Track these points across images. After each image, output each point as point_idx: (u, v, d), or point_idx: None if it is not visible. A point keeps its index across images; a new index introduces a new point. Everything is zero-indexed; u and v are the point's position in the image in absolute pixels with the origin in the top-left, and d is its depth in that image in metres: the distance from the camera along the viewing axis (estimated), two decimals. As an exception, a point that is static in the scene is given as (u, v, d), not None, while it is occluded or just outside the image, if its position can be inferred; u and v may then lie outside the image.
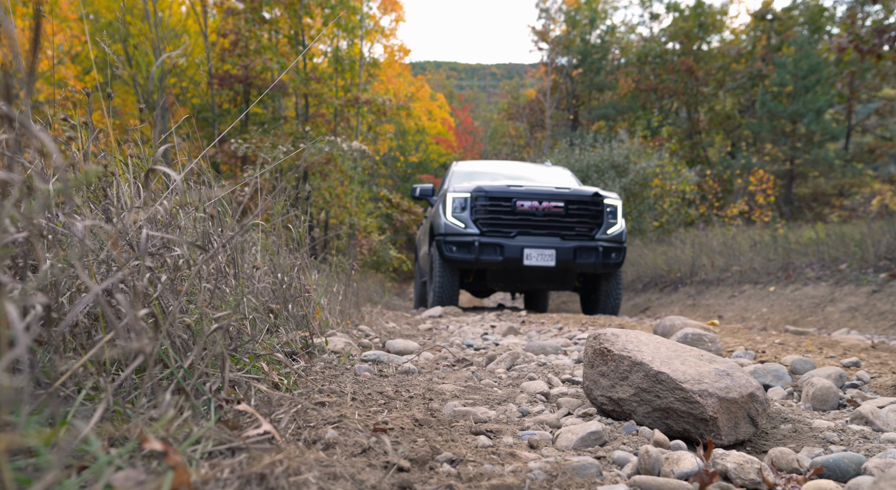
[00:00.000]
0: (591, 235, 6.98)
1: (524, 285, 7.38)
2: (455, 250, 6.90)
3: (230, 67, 17.25)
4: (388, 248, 23.60)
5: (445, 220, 7.07)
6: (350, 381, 2.00)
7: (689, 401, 1.55)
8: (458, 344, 4.09)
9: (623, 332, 1.78)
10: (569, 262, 6.84)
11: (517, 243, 6.81)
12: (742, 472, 1.24)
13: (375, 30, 20.75)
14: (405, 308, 10.78)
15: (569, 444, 1.47)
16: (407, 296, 22.14)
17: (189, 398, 0.90)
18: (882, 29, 8.68)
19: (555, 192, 6.98)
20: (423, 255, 9.59)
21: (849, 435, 1.55)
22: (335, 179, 18.67)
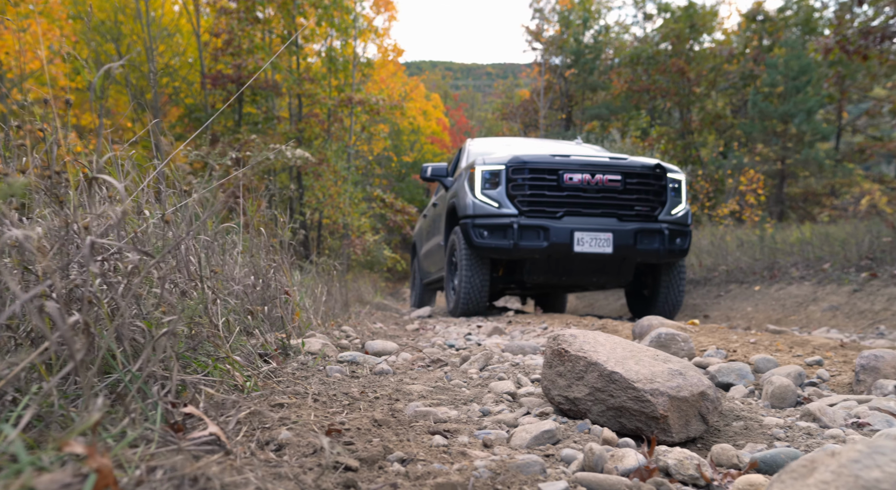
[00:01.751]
0: (653, 216, 5.84)
1: (572, 278, 6.10)
2: (487, 235, 5.76)
3: (223, 67, 17.26)
4: (381, 248, 23.64)
5: (473, 199, 5.89)
6: (317, 383, 2.04)
7: (640, 400, 1.59)
8: (440, 344, 4.13)
9: (581, 333, 1.82)
10: (629, 248, 5.68)
11: (566, 225, 5.64)
12: (682, 468, 1.29)
13: (369, 30, 20.77)
14: (396, 309, 10.81)
15: (522, 442, 1.51)
16: (400, 296, 22.19)
17: (123, 401, 0.94)
18: (868, 30, 8.75)
19: (609, 163, 5.81)
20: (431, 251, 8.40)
21: (795, 431, 1.60)
22: (328, 179, 18.69)
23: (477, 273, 6.05)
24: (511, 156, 5.84)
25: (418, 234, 10.29)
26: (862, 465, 0.76)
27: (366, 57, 21.29)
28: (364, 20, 20.24)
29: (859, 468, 0.76)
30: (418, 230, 10.38)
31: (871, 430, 1.58)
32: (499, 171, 5.86)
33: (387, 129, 25.59)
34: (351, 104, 19.08)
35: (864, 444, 0.79)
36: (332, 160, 18.43)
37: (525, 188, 5.74)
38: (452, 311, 6.43)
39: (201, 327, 1.70)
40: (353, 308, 7.16)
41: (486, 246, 5.78)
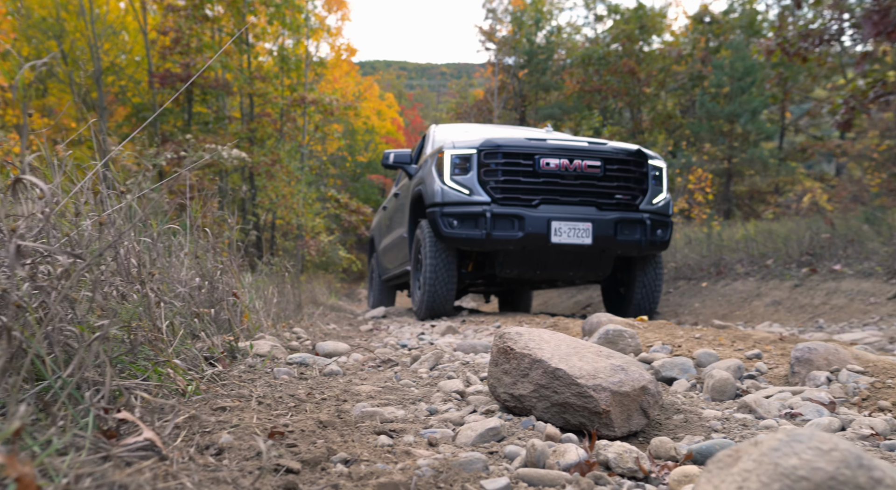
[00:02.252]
0: (634, 205, 5.50)
1: (548, 272, 5.75)
2: (457, 225, 5.35)
3: (171, 66, 16.88)
4: (336, 249, 23.47)
5: (442, 185, 5.47)
6: (263, 385, 2.01)
7: (583, 395, 1.62)
8: (393, 344, 4.12)
9: (527, 330, 1.84)
10: (609, 239, 5.34)
11: (542, 214, 5.27)
12: (621, 462, 1.31)
13: (321, 29, 20.59)
14: (351, 310, 10.75)
15: (468, 440, 1.52)
16: (356, 296, 22.05)
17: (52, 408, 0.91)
18: (807, 33, 9.06)
19: (589, 147, 5.47)
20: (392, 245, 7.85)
21: (731, 423, 1.65)
22: (281, 180, 18.47)
23: (445, 268, 5.63)
24: (483, 139, 5.48)
25: (377, 228, 9.68)
26: (781, 454, 0.79)
27: (319, 56, 21.11)
28: (316, 19, 20.05)
29: (778, 456, 0.79)
30: (376, 224, 9.76)
31: (803, 420, 1.64)
32: (470, 155, 5.45)
33: (341, 129, 25.42)
34: (304, 104, 18.89)
35: (784, 433, 0.82)
36: (286, 160, 18.22)
37: (498, 174, 5.36)
38: (418, 312, 6.01)
39: (142, 331, 1.66)
40: (307, 309, 7.09)
41: (455, 236, 5.36)
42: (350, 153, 33.11)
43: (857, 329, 4.54)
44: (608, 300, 6.65)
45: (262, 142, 18.85)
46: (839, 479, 0.75)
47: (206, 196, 13.21)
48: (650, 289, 5.93)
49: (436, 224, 5.44)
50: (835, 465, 0.75)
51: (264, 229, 20.28)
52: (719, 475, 0.86)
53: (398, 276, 7.81)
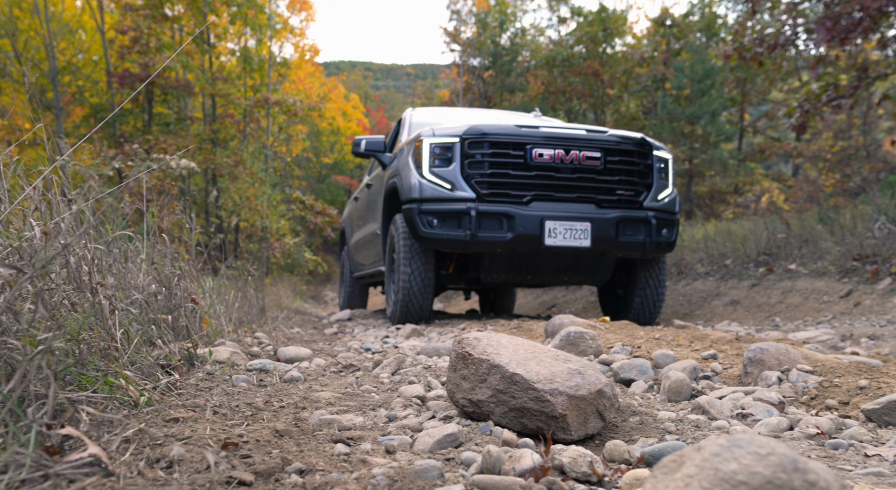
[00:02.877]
0: (637, 202, 5.01)
1: (540, 277, 5.27)
2: (437, 224, 4.84)
3: (130, 66, 16.56)
4: (302, 251, 23.28)
5: (420, 179, 4.93)
6: (220, 394, 1.99)
7: (540, 400, 1.64)
8: (356, 348, 4.10)
9: (485, 335, 1.85)
10: (610, 240, 4.85)
11: (534, 213, 4.78)
12: (575, 466, 1.33)
13: (285, 29, 20.40)
14: (317, 313, 10.66)
15: (425, 447, 1.52)
16: (322, 299, 21.88)
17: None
18: (762, 38, 9.28)
19: (587, 136, 4.95)
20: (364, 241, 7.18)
21: (685, 425, 1.68)
22: (245, 182, 18.25)
23: (422, 271, 5.12)
24: (467, 125, 4.92)
25: (348, 220, 8.92)
26: (722, 459, 0.81)
27: (282, 57, 20.92)
28: (280, 19, 19.86)
29: (719, 461, 0.81)
30: (347, 215, 9.02)
31: (754, 420, 1.67)
32: (452, 144, 4.89)
33: (305, 130, 25.21)
34: (267, 105, 18.70)
35: (725, 438, 0.84)
36: (249, 162, 18.00)
37: (485, 166, 4.83)
38: (391, 317, 5.54)
39: (93, 341, 1.63)
40: (271, 313, 7.01)
41: (435, 237, 4.85)
42: (315, 154, 32.87)
43: (811, 327, 4.66)
44: (605, 303, 6.12)
45: (225, 143, 18.60)
46: (776, 482, 0.77)
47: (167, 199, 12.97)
48: (652, 293, 5.41)
49: (413, 223, 4.92)
50: (772, 469, 0.77)
51: (228, 232, 20.00)
52: (664, 480, 0.87)
53: (372, 275, 7.18)
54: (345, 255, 9.18)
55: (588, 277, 5.30)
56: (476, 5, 28.32)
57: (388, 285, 5.78)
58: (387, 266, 5.78)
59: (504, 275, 5.19)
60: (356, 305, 8.95)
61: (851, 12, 7.47)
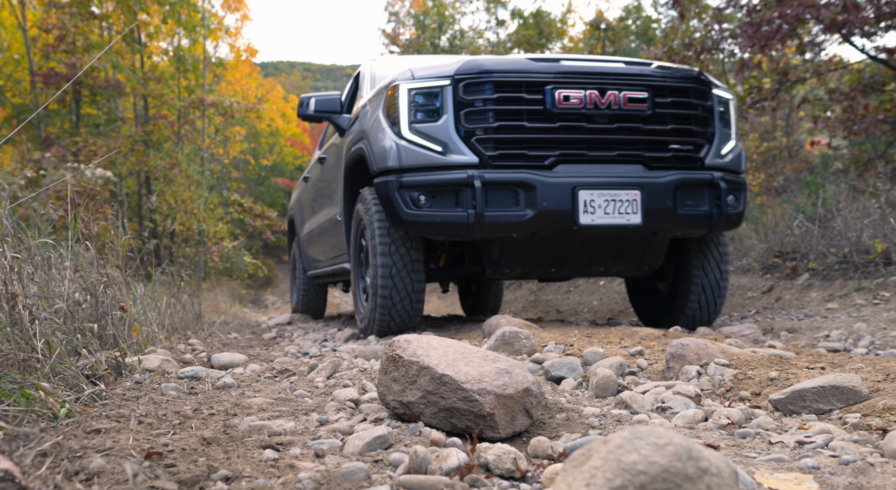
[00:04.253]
0: (697, 159, 3.84)
1: (569, 269, 4.03)
2: (425, 203, 3.64)
3: (56, 65, 15.92)
4: (241, 255, 22.85)
5: (397, 140, 3.71)
6: (147, 403, 1.95)
7: (469, 400, 1.67)
8: (294, 353, 4.07)
9: (415, 337, 1.88)
10: (667, 214, 3.69)
11: (562, 179, 3.60)
12: (500, 463, 1.37)
13: (219, 28, 19.98)
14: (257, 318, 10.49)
15: (355, 449, 1.53)
16: (263, 302, 21.50)
17: None
18: (690, 43, 9.63)
19: (627, 70, 3.80)
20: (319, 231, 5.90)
21: (608, 419, 1.74)
22: (180, 184, 17.80)
23: (406, 268, 3.90)
24: (463, 63, 3.72)
25: (297, 206, 7.33)
26: (624, 450, 0.86)
27: (218, 57, 20.48)
28: (214, 18, 19.45)
29: (621, 453, 0.86)
30: (296, 200, 7.45)
31: (672, 412, 1.75)
32: (440, 89, 3.66)
33: (243, 131, 24.76)
34: (203, 106, 18.28)
35: (629, 431, 0.89)
36: (185, 164, 17.56)
37: (489, 117, 3.62)
38: (364, 329, 4.30)
39: (11, 352, 1.58)
40: (207, 319, 6.87)
41: (424, 221, 3.63)
42: (254, 156, 32.30)
43: (736, 322, 4.86)
44: (640, 303, 4.85)
45: (158, 145, 18.08)
46: (671, 470, 0.82)
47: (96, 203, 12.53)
48: (713, 286, 4.19)
49: (390, 202, 3.69)
50: (668, 459, 0.82)
51: (163, 236, 19.46)
52: (573, 473, 0.91)
53: (332, 274, 5.84)
54: (295, 249, 7.64)
55: (631, 266, 4.05)
56: (414, 7, 28.37)
57: (355, 287, 4.59)
58: (353, 262, 4.56)
59: (519, 268, 3.96)
60: (313, 310, 7.55)
61: (772, 19, 7.83)
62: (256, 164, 32.85)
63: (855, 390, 1.58)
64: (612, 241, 3.86)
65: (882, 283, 4.66)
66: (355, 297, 4.64)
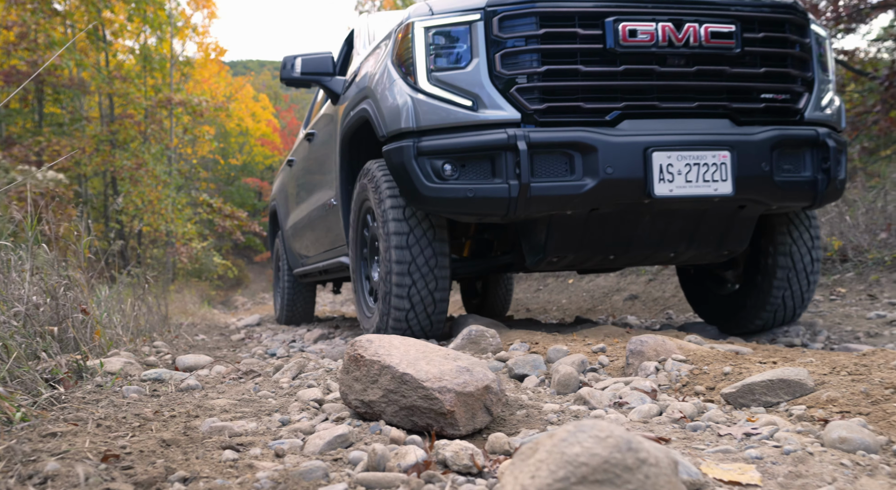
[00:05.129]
0: (796, 111, 3.09)
1: (635, 255, 3.29)
2: (451, 173, 2.93)
3: (17, 63, 15.59)
4: (211, 256, 22.62)
5: (413, 95, 3.00)
6: (107, 406, 1.94)
7: (429, 398, 1.69)
8: (260, 354, 4.06)
9: (377, 337, 1.89)
10: (763, 181, 2.96)
11: (630, 138, 2.88)
12: (457, 459, 1.39)
13: (186, 26, 19.74)
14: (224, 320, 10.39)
15: (315, 449, 1.54)
16: (232, 304, 21.28)
17: None
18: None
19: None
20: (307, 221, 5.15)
21: (566, 415, 1.78)
22: (147, 185, 17.56)
23: (426, 262, 3.19)
24: None
25: (280, 195, 6.49)
26: (567, 443, 0.89)
27: (185, 55, 20.23)
28: (181, 16, 19.21)
29: (565, 445, 0.88)
30: (279, 189, 6.60)
31: (629, 407, 1.79)
32: (468, 25, 2.93)
33: (212, 131, 24.48)
34: (170, 105, 18.05)
35: (573, 425, 0.92)
36: (151, 164, 17.32)
37: (533, 60, 2.89)
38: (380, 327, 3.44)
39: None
40: (174, 320, 6.80)
41: (451, 198, 2.91)
42: (223, 156, 31.96)
43: (699, 319, 4.95)
44: (697, 297, 4.13)
45: (125, 145, 17.81)
46: (611, 461, 0.85)
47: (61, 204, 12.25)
48: (802, 277, 3.47)
49: (406, 174, 2.97)
50: (608, 450, 0.85)
51: (130, 237, 19.16)
52: (520, 466, 0.94)
53: (324, 271, 5.02)
54: (278, 244, 6.67)
55: (710, 249, 3.30)
56: (385, 5, 28.32)
57: (358, 285, 3.86)
58: (353, 255, 3.82)
59: (571, 255, 3.20)
60: (300, 315, 6.55)
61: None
62: (226, 164, 32.49)
63: (801, 383, 1.64)
64: (689, 218, 3.10)
65: (839, 279, 4.80)
66: (358, 298, 3.84)
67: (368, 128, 3.54)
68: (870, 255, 4.71)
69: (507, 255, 3.70)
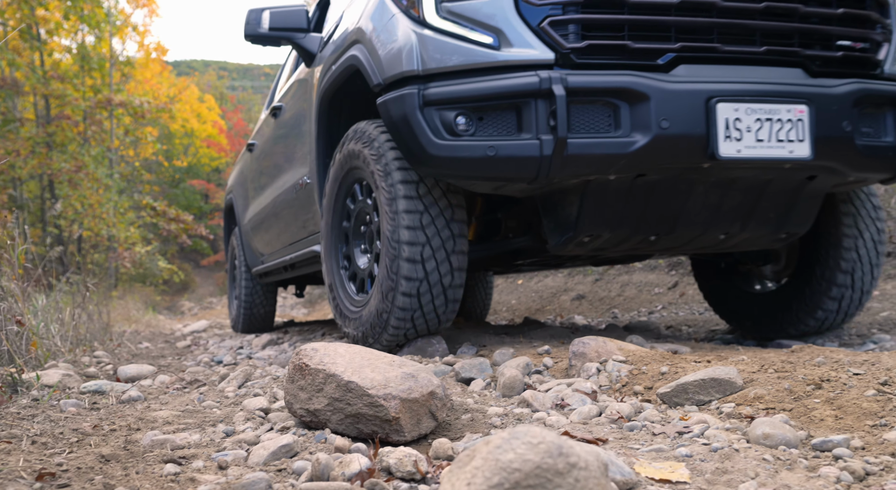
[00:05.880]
0: (876, 63, 2.63)
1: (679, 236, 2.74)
2: (464, 127, 2.41)
3: (-54, 62, 14.94)
4: (155, 260, 22.09)
5: (417, 30, 2.50)
6: (44, 421, 1.89)
7: (374, 405, 1.71)
8: (206, 362, 4.00)
9: (322, 345, 1.90)
10: (844, 146, 2.48)
11: (688, 85, 2.36)
12: (401, 466, 1.41)
13: (126, 25, 19.20)
14: (170, 326, 10.17)
15: (260, 459, 1.54)
16: (178, 309, 20.81)
17: None
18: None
19: None
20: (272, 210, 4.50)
21: (510, 418, 1.81)
22: (87, 188, 17.02)
23: (442, 244, 2.66)
24: None
25: (237, 185, 5.90)
26: (502, 450, 0.92)
27: (126, 55, 19.69)
28: (121, 15, 18.68)
29: (500, 452, 0.91)
30: (237, 177, 5.97)
31: (570, 409, 1.84)
32: None
33: (156, 132, 23.88)
34: (110, 106, 17.53)
35: (508, 431, 0.95)
36: (91, 167, 16.79)
37: None
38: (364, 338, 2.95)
39: None
40: (117, 328, 6.62)
41: (466, 158, 2.41)
42: (167, 158, 31.20)
43: (643, 317, 5.09)
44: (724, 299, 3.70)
45: (63, 147, 17.22)
46: (543, 466, 0.88)
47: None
48: (866, 271, 3.04)
49: (408, 128, 2.45)
50: (540, 456, 0.89)
51: (69, 242, 18.53)
52: (457, 472, 0.97)
53: (290, 267, 4.43)
54: (234, 242, 5.98)
55: (767, 231, 2.78)
56: (333, 7, 28.16)
57: (333, 274, 3.18)
58: (329, 239, 3.18)
59: (608, 233, 2.65)
60: (259, 321, 5.78)
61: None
62: (170, 166, 31.74)
63: (731, 381, 1.71)
64: (750, 190, 2.59)
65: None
66: (335, 291, 3.17)
67: (354, 83, 2.98)
68: None
69: (523, 238, 3.07)
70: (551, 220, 2.72)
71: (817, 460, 1.25)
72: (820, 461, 1.24)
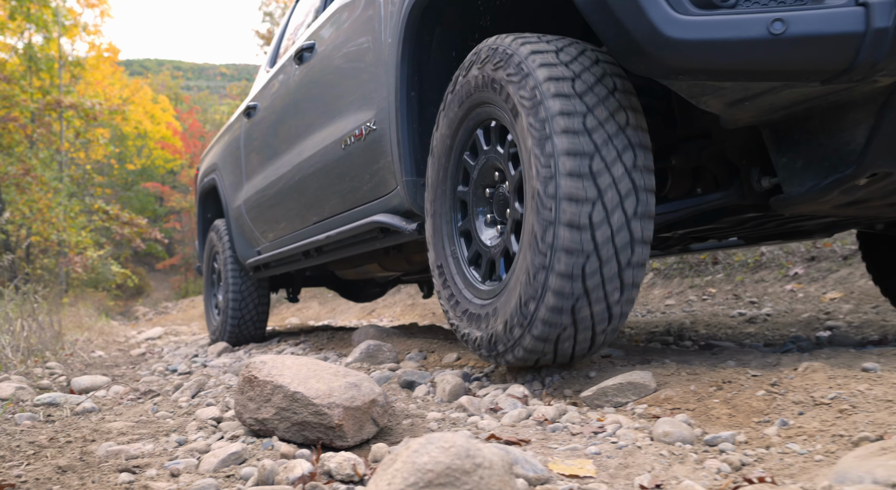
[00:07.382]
0: None
1: None
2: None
3: None
4: (108, 265, 21.67)
5: None
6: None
7: (319, 413, 1.83)
8: (161, 371, 4.05)
9: (271, 358, 2.01)
10: None
11: None
12: (341, 469, 1.54)
13: (76, 26, 18.83)
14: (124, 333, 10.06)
15: (210, 467, 1.65)
16: (132, 315, 20.47)
17: None
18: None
19: None
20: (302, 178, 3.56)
21: (447, 423, 1.96)
22: (36, 192, 16.65)
23: (621, 199, 1.79)
24: None
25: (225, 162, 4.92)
26: (419, 453, 1.05)
27: (76, 56, 19.29)
28: (70, 15, 18.31)
29: (417, 456, 1.05)
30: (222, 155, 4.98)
31: (503, 412, 1.99)
32: None
33: (107, 134, 23.42)
34: (60, 108, 17.19)
35: (425, 437, 1.09)
36: (40, 170, 16.44)
37: None
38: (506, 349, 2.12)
39: None
40: (69, 336, 6.56)
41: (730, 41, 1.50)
42: (119, 160, 30.60)
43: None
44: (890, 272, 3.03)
45: (9, 149, 16.81)
46: (452, 467, 1.02)
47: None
48: None
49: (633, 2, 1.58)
50: (451, 458, 1.03)
51: (17, 248, 18.08)
52: (381, 474, 1.10)
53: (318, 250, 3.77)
54: (214, 236, 5.08)
55: None
56: (289, 8, 27.97)
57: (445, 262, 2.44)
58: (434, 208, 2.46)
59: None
60: (251, 328, 4.88)
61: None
62: (122, 169, 31.14)
63: (645, 385, 1.88)
64: None
65: (710, 280, 5.25)
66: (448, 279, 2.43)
67: None
68: (736, 258, 5.18)
69: (723, 193, 2.13)
70: (802, 154, 1.83)
71: (706, 454, 1.42)
72: (707, 455, 1.41)
